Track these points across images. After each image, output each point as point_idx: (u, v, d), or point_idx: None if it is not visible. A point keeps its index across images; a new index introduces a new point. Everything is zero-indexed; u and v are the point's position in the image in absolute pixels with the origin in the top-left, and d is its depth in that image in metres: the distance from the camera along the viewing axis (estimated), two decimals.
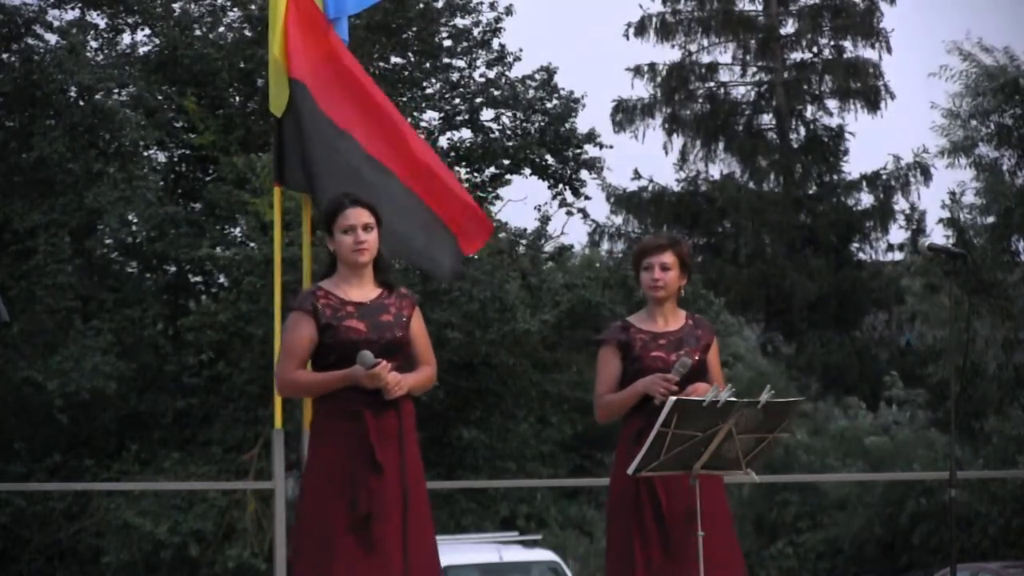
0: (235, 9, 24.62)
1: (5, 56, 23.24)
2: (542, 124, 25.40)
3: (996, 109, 22.47)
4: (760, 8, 31.09)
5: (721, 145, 30.62)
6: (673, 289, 6.30)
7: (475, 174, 25.55)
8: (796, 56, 31.10)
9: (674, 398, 5.75)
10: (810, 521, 21.51)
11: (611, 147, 25.94)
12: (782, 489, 21.38)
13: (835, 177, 30.51)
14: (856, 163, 39.86)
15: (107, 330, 22.08)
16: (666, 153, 30.33)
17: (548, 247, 26.17)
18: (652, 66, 30.52)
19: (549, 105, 25.35)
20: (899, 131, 46.20)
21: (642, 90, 30.69)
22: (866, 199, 30.05)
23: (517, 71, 25.63)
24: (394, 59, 25.43)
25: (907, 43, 45.66)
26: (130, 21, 24.71)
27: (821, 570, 21.46)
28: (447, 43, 25.56)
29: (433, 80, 25.79)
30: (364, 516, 5.55)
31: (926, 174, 29.42)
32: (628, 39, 30.51)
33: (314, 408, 5.80)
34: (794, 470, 20.72)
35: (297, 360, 5.68)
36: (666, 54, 31.11)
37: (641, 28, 30.59)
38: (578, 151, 25.66)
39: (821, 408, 22.80)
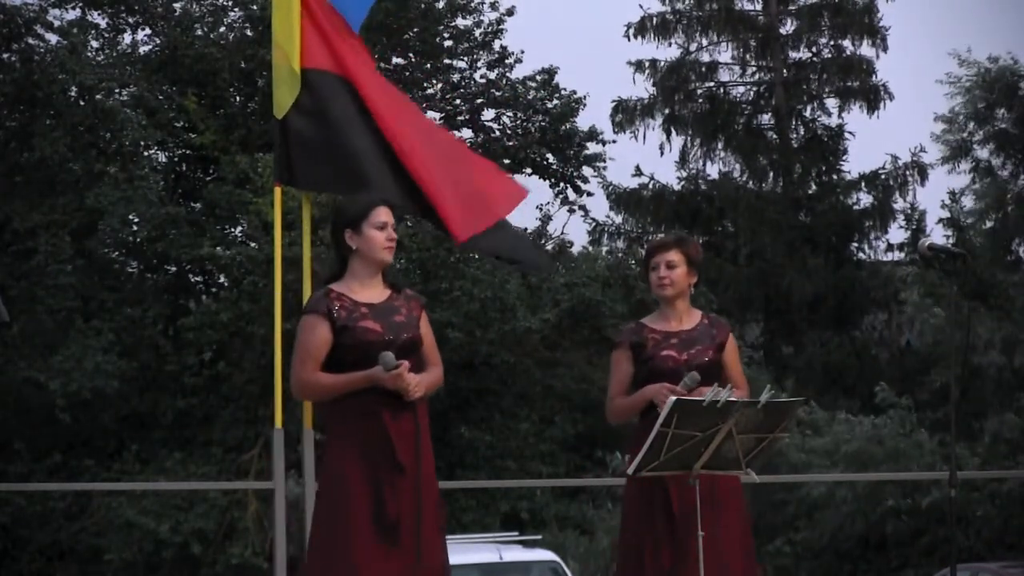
0: (236, 9, 24.63)
1: (6, 56, 23.24)
2: (543, 124, 25.40)
3: (991, 108, 22.52)
4: (760, 7, 31.06)
5: (720, 144, 30.57)
6: (681, 287, 6.30)
7: None
8: (796, 55, 31.07)
9: (674, 398, 5.76)
10: (793, 530, 21.40)
11: (614, 142, 25.94)
12: (779, 488, 21.33)
13: (834, 177, 30.45)
14: (856, 162, 39.86)
15: (108, 330, 22.08)
16: (662, 154, 30.27)
17: (549, 246, 26.18)
18: (653, 62, 30.47)
19: (550, 105, 25.36)
20: (899, 131, 46.10)
21: (642, 90, 30.66)
22: (865, 199, 30.02)
23: (518, 72, 25.68)
24: (395, 60, 25.44)
25: (906, 42, 45.60)
26: (131, 21, 24.73)
27: (815, 567, 21.40)
28: (448, 44, 25.56)
29: (434, 81, 25.80)
30: (394, 518, 5.55)
31: (923, 174, 29.36)
32: (629, 40, 30.48)
33: (328, 410, 5.75)
34: (785, 470, 20.63)
35: (315, 362, 5.65)
36: (666, 53, 30.97)
37: (641, 28, 30.55)
38: (579, 148, 25.69)
39: (816, 411, 22.68)
